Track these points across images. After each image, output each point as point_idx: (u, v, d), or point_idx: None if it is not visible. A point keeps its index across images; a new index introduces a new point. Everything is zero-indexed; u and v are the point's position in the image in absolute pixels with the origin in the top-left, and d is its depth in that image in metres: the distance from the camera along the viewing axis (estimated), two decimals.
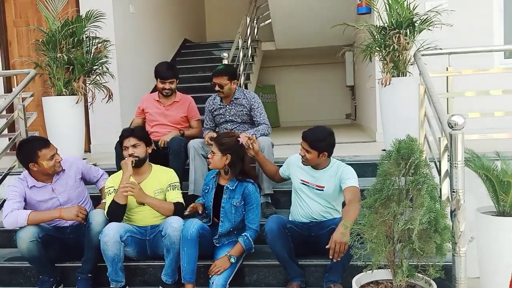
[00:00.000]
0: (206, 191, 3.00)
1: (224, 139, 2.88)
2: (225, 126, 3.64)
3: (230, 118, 3.62)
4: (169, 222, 2.79)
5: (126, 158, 2.93)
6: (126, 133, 2.99)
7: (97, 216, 2.88)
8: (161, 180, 3.03)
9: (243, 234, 2.81)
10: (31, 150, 2.90)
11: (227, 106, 3.63)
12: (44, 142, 2.96)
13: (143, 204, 2.93)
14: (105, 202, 2.98)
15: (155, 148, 3.22)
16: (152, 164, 3.10)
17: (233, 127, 3.61)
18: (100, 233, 2.76)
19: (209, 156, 2.90)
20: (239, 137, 2.97)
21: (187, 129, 3.85)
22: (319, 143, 2.77)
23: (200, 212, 2.94)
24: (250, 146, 3.08)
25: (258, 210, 2.87)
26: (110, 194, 2.95)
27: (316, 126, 2.89)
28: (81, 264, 2.92)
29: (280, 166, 3.17)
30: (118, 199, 2.85)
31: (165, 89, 3.74)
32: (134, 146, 2.94)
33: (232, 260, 2.73)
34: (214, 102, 3.72)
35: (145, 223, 2.99)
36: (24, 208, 2.89)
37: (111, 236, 2.74)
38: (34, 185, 2.97)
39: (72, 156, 3.31)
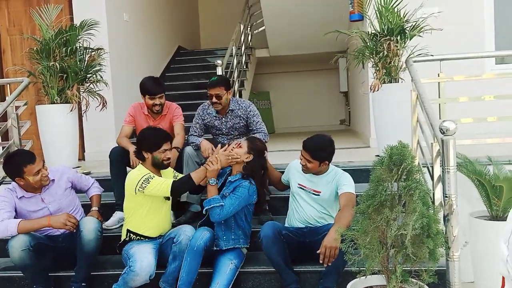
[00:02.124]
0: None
1: (257, 141, 3.00)
2: (221, 139, 3.55)
3: (227, 131, 3.52)
4: (183, 230, 2.83)
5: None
6: (167, 137, 2.98)
7: (88, 223, 2.86)
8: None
9: (220, 202, 2.78)
10: (16, 165, 2.87)
11: (223, 118, 3.52)
12: (29, 158, 2.88)
13: (168, 198, 2.95)
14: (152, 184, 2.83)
15: None
16: None
17: (230, 141, 3.47)
18: (131, 267, 2.67)
19: (234, 146, 2.93)
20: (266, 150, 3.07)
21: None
22: (321, 153, 2.80)
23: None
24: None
25: (236, 202, 2.78)
26: (153, 178, 2.81)
27: (316, 135, 2.90)
28: (74, 273, 2.91)
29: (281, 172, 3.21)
30: (197, 178, 2.85)
31: (155, 105, 3.49)
32: (170, 150, 2.98)
33: (212, 182, 2.81)
34: (208, 113, 3.56)
35: (159, 231, 2.96)
36: (15, 218, 2.88)
37: (141, 276, 2.67)
38: (23, 196, 2.95)
39: (61, 165, 3.30)
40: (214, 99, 3.41)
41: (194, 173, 2.87)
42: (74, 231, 2.87)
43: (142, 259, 2.70)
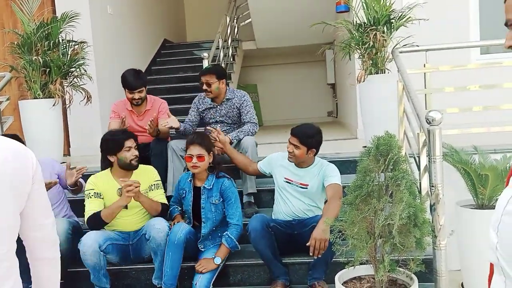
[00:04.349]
0: (183, 195, 2.96)
1: (205, 139, 2.90)
2: (215, 126, 3.52)
3: (221, 119, 3.54)
4: (152, 224, 2.74)
5: (129, 186, 2.69)
6: (127, 135, 2.95)
7: (59, 224, 2.76)
8: (145, 181, 2.96)
9: (225, 233, 2.80)
10: None
11: (218, 107, 3.54)
12: None
13: (126, 207, 2.87)
14: (85, 207, 2.89)
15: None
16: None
17: (224, 128, 3.51)
18: (79, 242, 2.70)
19: (195, 161, 2.82)
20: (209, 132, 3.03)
21: None
22: (309, 139, 2.79)
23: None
24: (216, 138, 3.10)
25: (238, 204, 2.85)
26: (91, 197, 2.85)
27: (305, 123, 2.91)
28: None
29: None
30: (108, 216, 2.79)
31: (135, 99, 3.52)
32: (135, 147, 2.92)
33: (216, 261, 2.72)
34: (204, 101, 3.59)
35: (127, 229, 2.92)
36: None
37: (88, 246, 2.66)
38: None
39: (48, 158, 3.23)
40: (204, 86, 3.45)
41: (105, 211, 2.79)
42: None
43: (88, 233, 2.74)
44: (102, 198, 2.87)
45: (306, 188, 2.85)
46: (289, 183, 2.90)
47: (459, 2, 4.90)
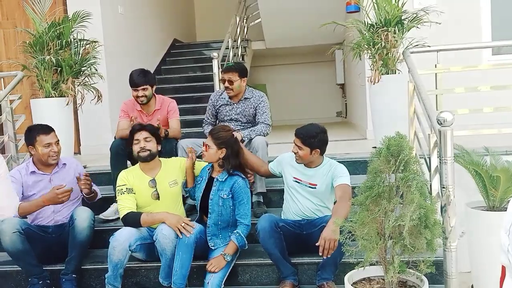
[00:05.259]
0: (198, 182, 2.99)
1: (221, 133, 2.88)
2: (228, 124, 3.53)
3: (236, 116, 3.55)
4: (160, 228, 2.76)
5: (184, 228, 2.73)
6: (138, 127, 3.00)
7: (82, 212, 2.90)
8: (173, 171, 3.05)
9: (235, 231, 2.80)
10: (32, 133, 3.02)
11: (235, 104, 3.55)
12: (45, 129, 3.04)
13: (158, 198, 2.94)
14: (117, 202, 2.91)
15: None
16: (161, 159, 3.10)
17: (237, 127, 3.51)
18: (112, 236, 2.74)
19: (202, 148, 2.89)
20: (234, 131, 3.01)
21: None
22: (311, 139, 2.77)
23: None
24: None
25: (249, 205, 2.86)
26: (124, 193, 2.89)
27: (309, 124, 2.89)
28: (64, 266, 2.91)
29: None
30: (144, 222, 2.81)
31: (139, 96, 3.52)
32: (145, 139, 2.95)
33: (227, 258, 2.73)
34: (221, 97, 3.60)
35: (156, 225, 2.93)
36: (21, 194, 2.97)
37: (120, 242, 2.70)
38: (34, 171, 3.02)
39: (73, 158, 3.35)
40: (226, 84, 3.47)
41: (145, 217, 2.81)
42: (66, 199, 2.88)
43: (123, 229, 2.79)
44: (134, 193, 2.92)
45: (315, 188, 2.84)
46: (298, 182, 2.89)
47: (471, 3, 4.86)
